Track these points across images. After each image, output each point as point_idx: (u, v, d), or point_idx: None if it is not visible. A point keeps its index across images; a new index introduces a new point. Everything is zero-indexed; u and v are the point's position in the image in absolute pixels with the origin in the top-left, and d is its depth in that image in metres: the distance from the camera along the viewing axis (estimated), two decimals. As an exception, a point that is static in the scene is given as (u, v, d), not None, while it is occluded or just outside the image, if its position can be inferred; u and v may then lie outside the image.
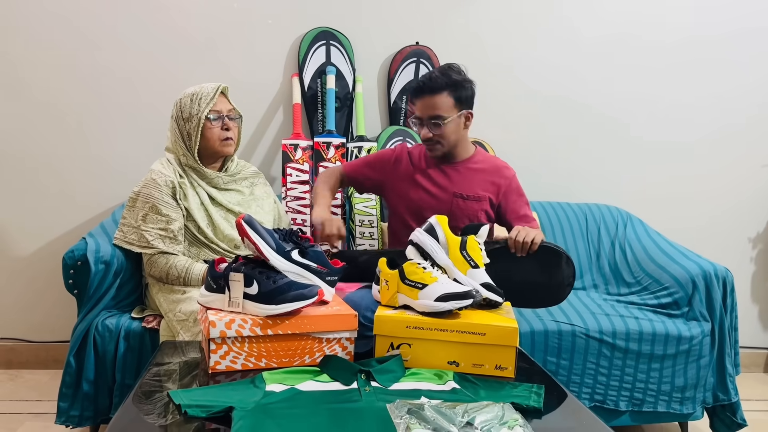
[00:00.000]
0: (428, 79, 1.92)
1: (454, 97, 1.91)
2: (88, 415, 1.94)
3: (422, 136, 1.95)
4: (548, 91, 2.84)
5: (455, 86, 1.91)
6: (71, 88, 2.64)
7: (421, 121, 1.94)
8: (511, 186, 2.04)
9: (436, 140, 1.94)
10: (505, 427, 1.07)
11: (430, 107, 1.90)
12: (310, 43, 2.66)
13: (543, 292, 1.82)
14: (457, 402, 1.15)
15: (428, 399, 1.16)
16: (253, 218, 1.43)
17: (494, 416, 1.09)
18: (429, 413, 1.08)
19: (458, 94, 1.91)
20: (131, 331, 1.92)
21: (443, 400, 1.16)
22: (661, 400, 2.14)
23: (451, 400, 1.18)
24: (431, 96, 1.90)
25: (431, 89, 1.90)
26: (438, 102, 1.90)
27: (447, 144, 1.96)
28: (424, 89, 1.91)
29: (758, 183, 2.98)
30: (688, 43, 2.86)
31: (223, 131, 1.96)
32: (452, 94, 1.91)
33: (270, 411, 1.09)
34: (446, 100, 1.90)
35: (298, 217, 2.50)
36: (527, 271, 1.78)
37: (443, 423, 1.06)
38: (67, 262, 1.96)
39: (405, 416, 1.08)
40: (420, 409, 1.09)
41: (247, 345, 1.32)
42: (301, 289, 1.34)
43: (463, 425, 1.07)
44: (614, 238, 2.64)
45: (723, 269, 2.20)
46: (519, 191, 2.06)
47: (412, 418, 1.07)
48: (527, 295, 1.79)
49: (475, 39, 2.78)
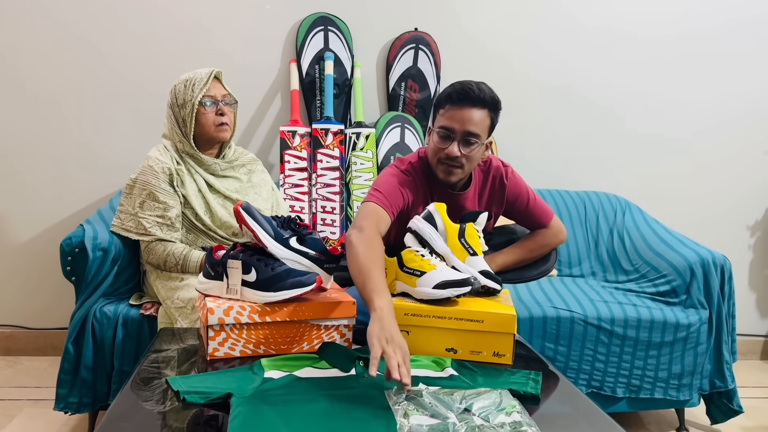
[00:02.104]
0: (476, 87, 1.59)
1: (491, 120, 1.63)
2: (87, 402, 1.94)
3: (448, 152, 1.60)
4: (548, 78, 2.83)
5: (495, 109, 1.63)
6: (68, 76, 2.62)
7: (452, 134, 1.60)
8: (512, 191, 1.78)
9: (462, 162, 1.62)
10: (503, 413, 1.07)
11: (469, 121, 1.58)
12: (308, 29, 2.64)
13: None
14: (455, 389, 1.15)
15: (426, 386, 1.16)
16: (251, 205, 1.42)
17: (492, 403, 1.10)
18: (427, 399, 1.08)
19: (494, 119, 1.65)
20: (129, 318, 1.92)
21: (441, 387, 1.17)
22: (658, 387, 2.15)
23: (449, 386, 1.18)
24: (476, 108, 1.59)
25: (479, 101, 1.59)
26: (479, 118, 1.60)
27: (467, 170, 1.66)
28: (469, 97, 1.58)
29: (757, 171, 2.98)
30: (687, 35, 2.85)
31: (218, 116, 1.95)
32: (491, 115, 1.63)
33: (268, 397, 1.09)
34: (485, 120, 1.61)
35: (296, 204, 2.49)
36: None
37: (441, 409, 1.06)
38: (65, 249, 1.95)
39: (403, 402, 1.08)
40: (418, 396, 1.10)
41: (245, 332, 1.32)
42: (300, 276, 1.34)
43: (461, 411, 1.07)
44: (613, 226, 2.65)
45: (721, 257, 2.20)
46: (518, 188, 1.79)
47: (410, 404, 1.07)
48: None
49: (474, 25, 2.76)
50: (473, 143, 1.60)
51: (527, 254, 1.78)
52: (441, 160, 1.63)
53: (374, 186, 1.65)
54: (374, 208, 1.57)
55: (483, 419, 1.05)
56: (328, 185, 2.52)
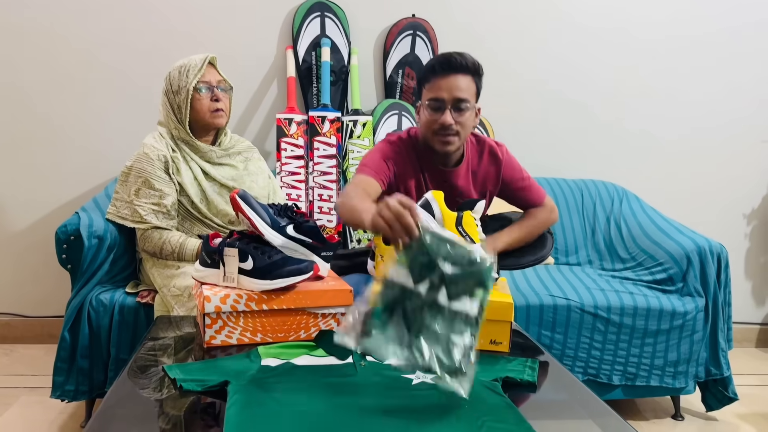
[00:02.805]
0: (458, 55, 1.63)
1: (476, 85, 1.67)
2: (84, 390, 1.95)
3: (441, 122, 1.63)
4: (546, 65, 2.82)
5: (478, 74, 1.67)
6: (63, 63, 2.60)
7: (442, 103, 1.63)
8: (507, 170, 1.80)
9: (456, 130, 1.64)
10: (468, 297, 1.06)
11: (456, 88, 1.62)
12: (304, 15, 2.62)
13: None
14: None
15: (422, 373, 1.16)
16: (247, 193, 1.42)
17: (467, 286, 1.07)
18: (430, 240, 1.05)
19: (479, 84, 1.68)
20: (126, 306, 1.92)
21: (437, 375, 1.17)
22: (654, 375, 2.16)
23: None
24: (461, 75, 1.63)
25: (462, 67, 1.63)
26: (465, 84, 1.64)
27: (463, 137, 1.68)
28: (453, 65, 1.62)
29: (754, 159, 2.98)
30: (684, 30, 2.84)
31: (213, 102, 1.94)
32: (475, 80, 1.67)
33: (265, 385, 1.09)
34: (471, 85, 1.65)
35: (293, 192, 2.48)
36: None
37: (424, 270, 1.04)
38: (60, 237, 1.94)
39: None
40: (427, 238, 1.06)
41: (242, 320, 1.32)
42: (297, 264, 1.33)
43: (435, 284, 1.05)
44: (610, 214, 2.65)
45: (717, 245, 2.20)
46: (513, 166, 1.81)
47: (404, 254, 1.05)
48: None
49: (472, 12, 2.74)
50: (464, 108, 1.63)
51: (528, 235, 1.76)
52: (436, 132, 1.65)
53: (361, 162, 1.70)
54: (362, 178, 1.63)
55: (448, 295, 1.04)
56: (325, 173, 2.51)
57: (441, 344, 1.06)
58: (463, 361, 1.06)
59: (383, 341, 1.05)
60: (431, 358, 1.05)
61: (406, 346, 1.05)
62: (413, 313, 1.06)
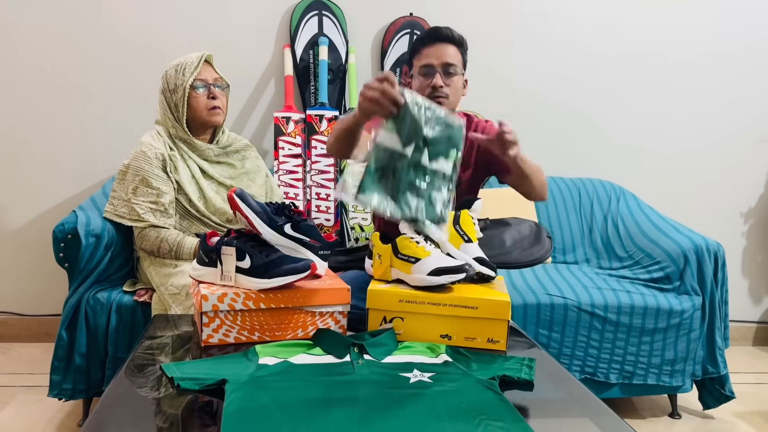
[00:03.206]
0: (444, 28, 1.80)
1: (462, 57, 1.83)
2: (81, 388, 1.94)
3: (433, 84, 1.76)
4: (543, 63, 2.82)
5: (464, 47, 1.84)
6: (61, 62, 2.59)
7: (432, 69, 1.77)
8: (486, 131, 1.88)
9: (447, 93, 1.77)
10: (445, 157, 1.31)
11: (444, 54, 1.78)
12: (302, 14, 2.62)
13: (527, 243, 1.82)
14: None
15: (420, 371, 1.16)
16: (245, 192, 1.42)
17: (443, 147, 1.32)
18: (413, 106, 1.30)
19: (465, 57, 1.84)
20: (123, 305, 1.92)
21: (435, 373, 1.17)
22: (651, 373, 2.16)
23: (443, 372, 1.18)
24: (448, 44, 1.79)
25: (448, 38, 1.80)
26: (452, 52, 1.79)
27: (452, 102, 1.80)
28: (440, 35, 1.79)
29: (751, 158, 2.99)
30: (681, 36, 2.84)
31: (210, 100, 1.94)
32: (461, 52, 1.83)
33: (263, 384, 1.09)
34: (458, 55, 1.81)
35: (291, 191, 2.48)
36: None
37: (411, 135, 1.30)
38: (58, 236, 1.94)
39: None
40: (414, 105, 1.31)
41: (239, 318, 1.32)
42: (294, 263, 1.33)
43: (418, 146, 1.30)
44: (607, 213, 2.65)
45: (715, 244, 2.21)
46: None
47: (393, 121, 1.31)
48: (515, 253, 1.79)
49: (469, 10, 2.75)
50: (453, 73, 1.78)
51: (531, 169, 1.72)
52: (428, 96, 1.76)
53: None
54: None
55: (429, 156, 1.28)
56: (323, 172, 2.51)
57: (424, 199, 1.31)
58: (444, 211, 1.33)
59: (374, 196, 1.29)
60: (417, 209, 1.30)
61: (395, 201, 1.30)
62: (400, 172, 1.30)
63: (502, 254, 1.74)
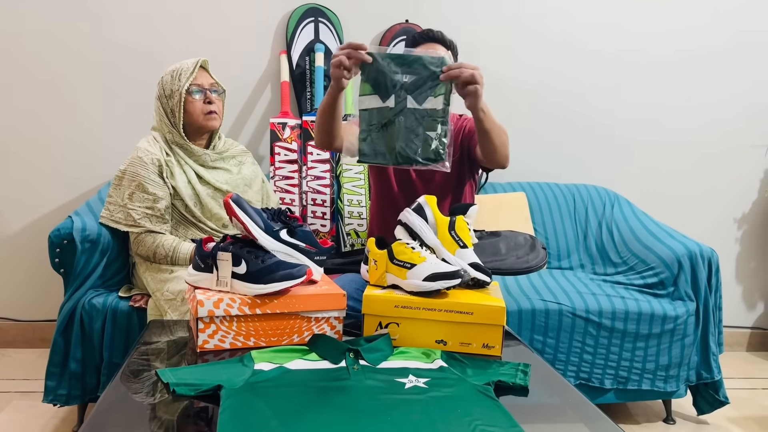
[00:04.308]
0: (436, 30, 1.89)
1: (452, 59, 1.88)
2: (76, 394, 1.94)
3: None
4: (539, 70, 2.83)
5: (454, 50, 1.91)
6: (56, 68, 2.60)
7: None
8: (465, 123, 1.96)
9: None
10: (432, 97, 1.40)
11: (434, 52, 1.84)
12: (298, 20, 2.63)
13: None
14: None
15: (415, 377, 1.17)
16: (241, 197, 1.42)
17: (426, 86, 1.42)
18: (380, 58, 1.45)
19: (455, 60, 1.90)
20: (118, 310, 1.92)
21: (431, 378, 1.17)
22: (645, 379, 2.17)
23: (438, 377, 1.19)
24: (438, 45, 1.88)
25: (439, 40, 1.88)
26: (443, 52, 1.85)
27: None
28: (431, 37, 1.88)
29: (745, 164, 3.00)
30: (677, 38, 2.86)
31: (206, 105, 1.95)
32: (451, 54, 1.90)
33: (259, 389, 1.09)
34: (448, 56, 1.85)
35: (287, 196, 2.49)
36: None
37: (386, 81, 1.43)
38: (53, 241, 1.94)
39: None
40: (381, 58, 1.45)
41: (235, 324, 1.32)
42: (290, 268, 1.34)
43: (399, 87, 1.42)
44: (601, 219, 2.66)
45: (708, 249, 2.22)
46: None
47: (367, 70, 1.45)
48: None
49: (465, 17, 2.76)
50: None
51: (492, 127, 1.69)
52: None
53: None
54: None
55: (414, 99, 1.40)
56: (319, 178, 2.51)
57: (419, 141, 1.44)
58: (440, 146, 1.45)
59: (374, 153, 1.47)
60: (414, 152, 1.44)
61: (392, 153, 1.46)
62: (391, 124, 1.44)
63: (497, 261, 1.75)
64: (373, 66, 1.46)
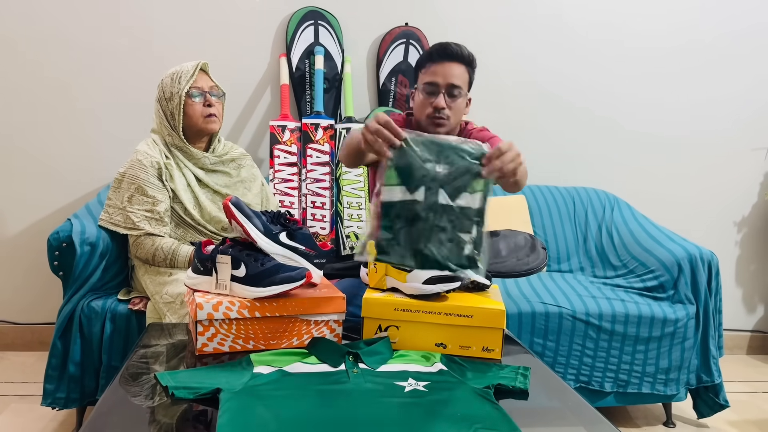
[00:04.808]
0: (455, 45, 1.77)
1: (469, 76, 1.81)
2: (75, 397, 1.93)
3: (434, 104, 1.75)
4: (539, 74, 2.84)
5: (472, 66, 1.81)
6: (56, 70, 2.59)
7: (437, 88, 1.75)
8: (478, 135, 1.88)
9: (448, 114, 1.76)
10: (468, 192, 1.16)
11: (451, 75, 1.75)
12: (298, 23, 2.63)
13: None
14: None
15: (415, 380, 1.16)
16: (240, 200, 1.42)
17: (465, 171, 1.16)
18: (413, 143, 1.17)
19: (472, 76, 1.82)
20: (117, 313, 1.91)
21: (431, 381, 1.17)
22: (645, 382, 2.16)
23: (438, 381, 1.19)
24: (456, 63, 1.76)
25: (458, 57, 1.76)
26: (459, 72, 1.77)
27: (453, 122, 1.80)
28: (450, 54, 1.76)
29: (744, 167, 3.00)
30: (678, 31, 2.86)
31: (206, 107, 1.94)
32: (469, 71, 1.80)
33: (258, 392, 1.09)
34: (465, 75, 1.79)
35: (286, 199, 2.49)
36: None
37: (422, 168, 1.16)
38: (52, 244, 1.94)
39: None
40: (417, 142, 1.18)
41: (234, 327, 1.32)
42: (289, 271, 1.33)
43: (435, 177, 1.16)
44: (601, 222, 2.66)
45: (708, 253, 2.22)
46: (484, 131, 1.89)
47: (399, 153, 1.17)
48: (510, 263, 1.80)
49: (464, 20, 2.76)
50: (457, 95, 1.76)
51: (524, 177, 1.65)
52: (429, 114, 1.77)
53: None
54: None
55: (447, 195, 1.15)
56: (318, 180, 2.51)
57: (450, 243, 1.17)
58: (474, 253, 1.18)
59: (395, 253, 1.17)
60: (444, 257, 1.16)
61: (419, 252, 1.16)
62: (418, 221, 1.16)
63: (498, 263, 1.75)
64: (404, 151, 1.20)
